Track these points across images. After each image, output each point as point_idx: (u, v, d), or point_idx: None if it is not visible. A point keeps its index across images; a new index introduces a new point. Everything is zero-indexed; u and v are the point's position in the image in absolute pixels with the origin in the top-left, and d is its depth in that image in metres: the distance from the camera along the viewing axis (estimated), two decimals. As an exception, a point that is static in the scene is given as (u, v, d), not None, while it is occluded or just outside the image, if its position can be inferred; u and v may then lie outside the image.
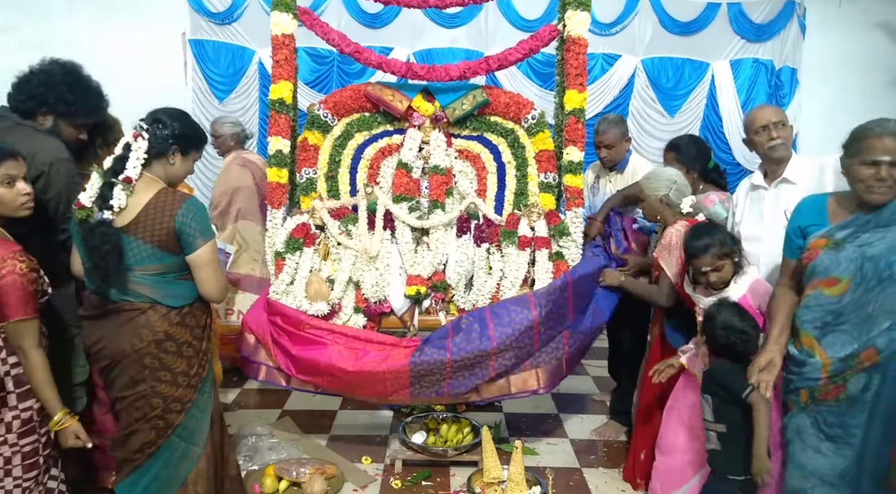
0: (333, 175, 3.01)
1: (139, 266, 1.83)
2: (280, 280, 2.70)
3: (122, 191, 1.78)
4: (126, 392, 1.89)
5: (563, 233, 2.81)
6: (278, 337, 2.59)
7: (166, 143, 1.89)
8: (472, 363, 2.50)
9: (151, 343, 1.86)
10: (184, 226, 1.82)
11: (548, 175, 2.97)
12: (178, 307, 1.90)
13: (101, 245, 1.74)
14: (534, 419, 3.47)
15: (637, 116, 5.38)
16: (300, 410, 3.53)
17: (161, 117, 1.91)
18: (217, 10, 5.10)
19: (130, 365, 1.86)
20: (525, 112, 2.99)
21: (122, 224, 1.80)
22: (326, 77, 5.17)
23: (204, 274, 1.89)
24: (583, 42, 2.79)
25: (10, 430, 1.88)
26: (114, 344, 1.85)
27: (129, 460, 1.94)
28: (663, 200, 2.51)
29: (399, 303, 2.73)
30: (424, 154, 3.00)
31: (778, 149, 2.39)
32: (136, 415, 1.90)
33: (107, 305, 1.85)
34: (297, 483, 2.64)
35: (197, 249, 1.86)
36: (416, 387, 2.52)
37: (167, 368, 1.90)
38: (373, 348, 2.55)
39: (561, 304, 2.61)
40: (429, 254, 2.81)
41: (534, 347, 2.57)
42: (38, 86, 2.15)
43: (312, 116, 2.97)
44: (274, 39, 2.81)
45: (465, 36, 5.28)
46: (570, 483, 2.80)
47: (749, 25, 5.35)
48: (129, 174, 1.80)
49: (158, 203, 1.83)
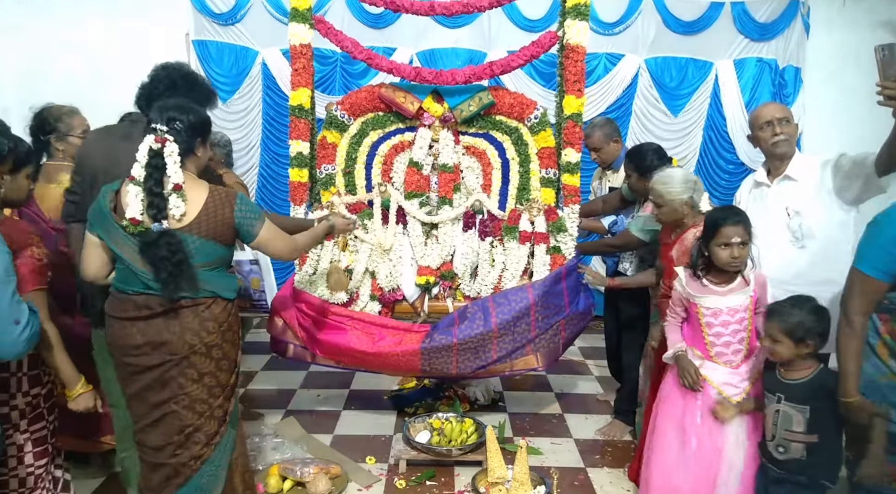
0: (350, 171, 3.39)
1: (198, 261, 1.92)
2: (304, 271, 3.12)
3: (178, 198, 1.86)
4: (190, 387, 1.95)
5: (561, 228, 3.16)
6: (303, 321, 2.98)
7: (191, 140, 1.96)
8: (476, 345, 2.88)
9: (218, 334, 1.97)
10: (241, 219, 1.97)
11: (549, 171, 3.31)
12: (232, 299, 2.04)
13: (171, 256, 1.82)
14: (538, 419, 3.52)
15: (640, 116, 5.48)
16: (304, 410, 3.59)
17: (173, 116, 1.93)
18: (220, 10, 5.23)
19: (198, 359, 1.95)
20: (528, 112, 3.33)
21: (181, 225, 1.89)
22: (330, 77, 5.31)
23: (273, 248, 2.08)
24: (581, 50, 3.09)
25: (24, 416, 1.97)
26: (180, 340, 1.92)
27: (197, 456, 1.99)
28: (688, 203, 2.48)
29: (411, 291, 3.15)
30: (434, 151, 3.36)
31: (781, 145, 2.43)
32: (201, 408, 1.97)
33: (163, 304, 1.91)
34: (302, 482, 2.68)
35: (258, 234, 2.02)
36: (426, 366, 2.91)
37: (227, 357, 2.03)
38: (388, 333, 2.95)
39: (556, 294, 2.98)
40: (437, 247, 3.23)
41: (531, 333, 2.93)
42: (164, 93, 2.28)
43: (330, 116, 3.35)
44: (292, 49, 3.15)
45: (468, 36, 5.40)
46: (574, 483, 2.83)
47: (753, 24, 5.43)
48: (176, 181, 1.86)
49: (216, 200, 1.95)
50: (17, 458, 1.97)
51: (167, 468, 1.99)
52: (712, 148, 5.63)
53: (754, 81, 5.56)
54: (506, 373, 3.07)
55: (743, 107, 5.56)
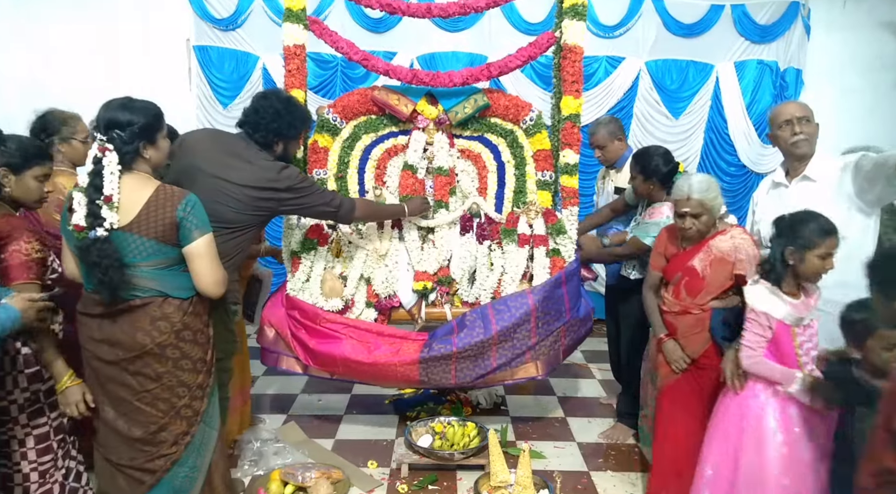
0: (343, 175, 3.28)
1: (144, 261, 1.91)
2: (296, 277, 2.98)
3: (110, 210, 1.85)
4: (150, 385, 1.96)
5: (560, 231, 3.06)
6: (296, 330, 2.87)
7: (133, 144, 1.91)
8: (475, 353, 2.79)
9: (171, 334, 1.95)
10: (184, 219, 1.92)
11: (545, 173, 3.22)
12: (187, 298, 1.99)
13: (100, 261, 1.83)
14: (540, 422, 3.49)
15: (641, 119, 5.44)
16: (306, 415, 3.57)
17: (115, 118, 1.90)
18: (221, 16, 5.21)
19: (153, 359, 1.94)
20: (524, 114, 3.23)
21: (123, 223, 1.89)
22: (330, 82, 5.28)
23: (198, 266, 1.96)
24: (578, 50, 3.01)
25: (23, 410, 2.02)
26: (132, 339, 1.92)
27: (164, 455, 1.99)
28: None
29: (407, 298, 3.04)
30: (428, 155, 3.25)
31: (801, 145, 2.40)
32: (164, 408, 1.98)
33: (115, 303, 1.91)
34: (303, 487, 2.66)
35: (193, 241, 1.94)
36: (425, 376, 2.81)
37: (187, 357, 2.00)
38: (384, 341, 2.84)
39: (557, 300, 2.89)
40: (434, 252, 3.12)
41: (531, 339, 2.83)
42: (270, 122, 2.49)
43: (322, 119, 3.23)
44: (286, 50, 3.05)
45: (468, 40, 5.37)
46: (578, 487, 2.81)
47: (753, 27, 5.40)
48: (108, 193, 1.85)
49: (159, 199, 1.92)
50: (19, 453, 2.02)
51: (134, 469, 1.98)
52: (713, 150, 5.58)
53: (755, 83, 5.52)
54: (506, 382, 2.95)
55: (744, 110, 5.53)
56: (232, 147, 2.49)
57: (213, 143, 2.49)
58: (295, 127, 2.58)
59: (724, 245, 2.32)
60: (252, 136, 2.53)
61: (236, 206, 2.36)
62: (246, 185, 2.40)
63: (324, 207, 2.64)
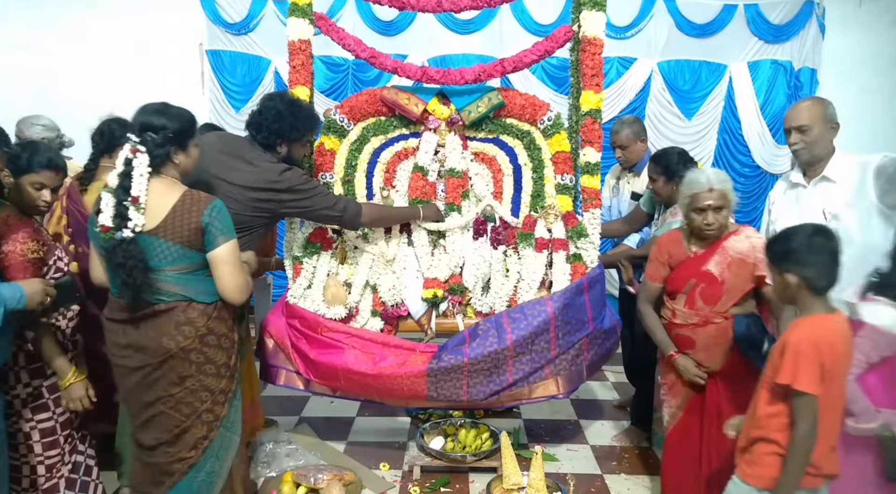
0: (350, 179, 3.04)
1: (170, 265, 1.89)
2: (298, 283, 2.73)
3: (136, 211, 1.84)
4: (173, 390, 1.94)
5: (581, 234, 2.80)
6: (296, 341, 2.62)
7: (164, 148, 1.91)
8: (489, 366, 2.50)
9: (195, 339, 1.93)
10: (209, 225, 1.89)
11: (564, 176, 2.97)
12: (211, 302, 1.96)
13: (125, 261, 1.81)
14: (553, 425, 3.44)
15: (654, 120, 5.35)
16: (318, 417, 3.54)
17: (149, 122, 1.90)
18: (234, 20, 5.18)
19: (178, 364, 1.92)
20: (541, 113, 3.01)
21: (149, 227, 1.86)
22: (341, 85, 5.22)
23: (221, 272, 1.94)
24: (598, 42, 2.79)
25: (25, 405, 2.04)
26: (157, 344, 1.90)
27: (183, 459, 1.98)
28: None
29: (416, 307, 2.76)
30: (440, 157, 3.02)
31: (800, 154, 2.33)
32: (186, 411, 1.96)
33: (140, 308, 1.89)
34: (315, 489, 2.63)
35: (217, 247, 1.91)
36: (434, 391, 2.53)
37: (211, 361, 1.97)
38: (390, 352, 2.57)
39: (578, 308, 2.60)
40: (445, 257, 2.84)
41: (551, 352, 2.55)
42: (272, 122, 2.47)
43: (329, 121, 3.01)
44: (290, 45, 2.84)
45: (479, 42, 5.30)
46: (591, 490, 2.76)
47: (767, 26, 5.31)
48: (135, 194, 1.84)
49: (185, 204, 1.89)
50: (25, 446, 2.05)
51: (155, 468, 1.99)
52: (727, 151, 5.44)
53: (769, 83, 5.37)
54: (522, 402, 2.65)
55: (758, 110, 5.39)
56: (236, 149, 2.47)
57: (218, 145, 2.46)
58: (297, 129, 2.52)
59: (740, 245, 2.16)
60: (256, 138, 2.50)
61: (235, 207, 2.25)
62: (245, 186, 2.37)
63: (327, 211, 2.53)
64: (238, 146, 2.50)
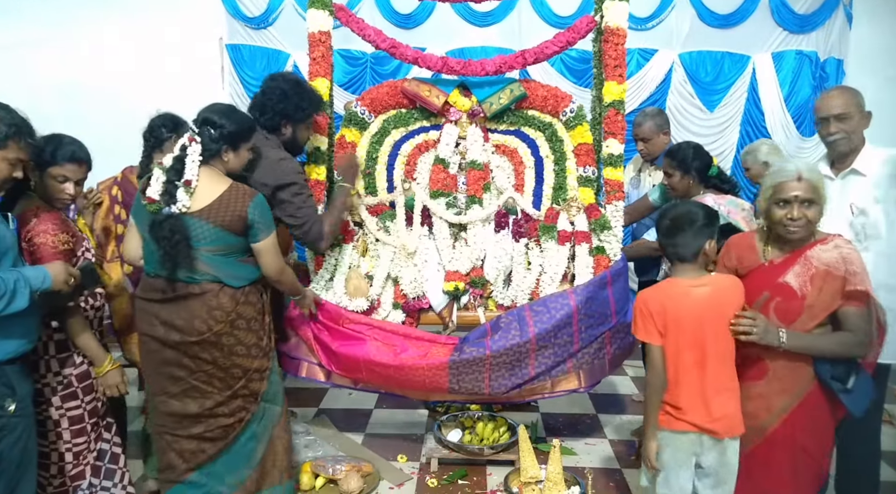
0: (371, 172, 3.05)
1: (206, 246, 2.02)
2: (319, 276, 2.76)
3: (185, 193, 1.98)
4: (205, 367, 2.06)
5: (604, 226, 2.78)
6: (318, 333, 2.64)
7: (217, 144, 2.07)
8: (511, 359, 2.50)
9: (226, 323, 2.05)
10: (254, 219, 2.05)
11: (587, 168, 2.95)
12: (239, 287, 2.09)
13: (171, 235, 1.94)
14: (571, 419, 3.43)
15: (675, 112, 5.27)
16: (336, 408, 3.56)
17: (210, 118, 2.07)
18: (253, 14, 5.20)
19: (209, 346, 2.04)
20: (563, 105, 2.98)
21: (195, 209, 2.00)
22: (360, 78, 5.22)
23: (264, 260, 2.13)
24: (621, 32, 2.76)
25: (55, 393, 2.08)
26: (190, 326, 2.02)
27: (224, 426, 2.12)
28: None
29: (437, 299, 2.75)
30: (461, 149, 3.01)
31: (839, 144, 2.24)
32: (219, 386, 2.09)
33: (175, 289, 2.02)
34: (334, 480, 2.66)
35: (261, 240, 2.09)
36: (455, 383, 2.53)
37: (241, 343, 2.10)
38: (411, 344, 2.58)
39: (601, 302, 2.58)
40: (467, 250, 2.83)
41: (574, 346, 2.54)
42: (277, 103, 2.46)
43: (349, 113, 3.02)
44: (310, 37, 2.85)
45: (497, 34, 5.26)
46: (610, 484, 2.75)
47: (791, 16, 5.20)
48: (188, 178, 1.99)
49: (232, 195, 2.05)
50: (55, 433, 2.09)
51: (197, 439, 2.11)
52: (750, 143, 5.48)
53: (794, 75, 5.25)
54: (545, 396, 2.65)
55: (782, 102, 5.28)
56: None
57: None
58: (302, 109, 2.51)
59: (827, 255, 1.85)
60: (259, 120, 2.44)
61: None
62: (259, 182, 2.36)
63: (291, 219, 2.47)
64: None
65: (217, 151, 2.07)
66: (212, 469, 2.13)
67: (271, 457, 2.23)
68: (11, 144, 1.77)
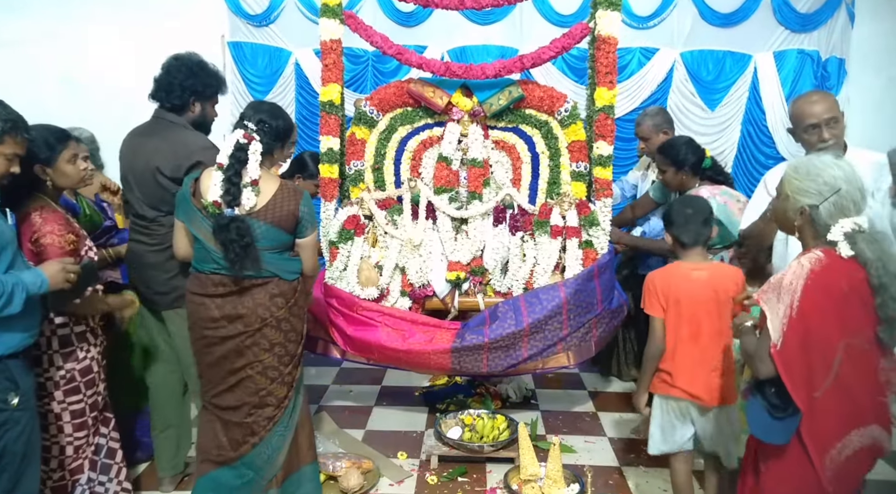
0: (379, 167, 3.37)
1: (263, 245, 2.15)
2: (334, 266, 3.10)
3: (252, 191, 2.10)
4: (263, 355, 2.20)
5: (593, 222, 3.08)
6: (335, 318, 2.99)
7: (274, 142, 2.23)
8: (507, 344, 2.84)
9: (286, 309, 2.22)
10: (303, 215, 2.22)
11: (579, 164, 3.24)
12: (293, 279, 2.27)
13: (240, 239, 2.04)
14: (571, 417, 3.48)
15: (676, 111, 5.38)
16: (337, 405, 3.62)
17: (263, 118, 2.20)
18: (255, 12, 5.31)
19: (270, 331, 2.19)
20: (558, 105, 3.26)
21: (253, 210, 2.13)
22: (362, 76, 5.34)
23: (306, 254, 2.31)
24: (612, 41, 3.02)
25: (58, 387, 2.18)
26: (254, 313, 2.17)
27: (269, 418, 2.24)
28: (805, 212, 1.69)
29: (441, 287, 3.09)
30: (463, 147, 3.32)
31: (833, 150, 2.23)
32: (272, 375, 2.23)
33: (238, 283, 2.16)
34: (334, 476, 2.71)
35: (306, 236, 2.27)
36: (457, 365, 2.88)
37: (294, 329, 2.28)
38: (418, 329, 2.92)
39: (589, 292, 2.92)
40: (468, 242, 3.17)
41: (563, 332, 2.88)
42: (184, 80, 2.50)
43: (359, 112, 3.33)
44: (322, 45, 3.13)
45: (499, 33, 5.38)
46: (609, 482, 2.80)
47: (793, 15, 5.29)
48: (254, 177, 2.11)
49: (285, 194, 2.19)
50: (56, 426, 2.18)
51: (244, 427, 2.23)
52: (751, 143, 5.47)
53: (795, 74, 5.39)
54: (536, 371, 3.02)
55: (783, 101, 5.39)
56: (143, 129, 2.56)
57: (130, 138, 2.57)
58: (210, 85, 2.58)
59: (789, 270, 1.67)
60: (164, 104, 2.52)
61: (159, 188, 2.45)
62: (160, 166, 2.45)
63: None
64: (149, 129, 2.56)
65: (271, 149, 2.21)
66: (250, 457, 2.24)
67: (296, 442, 2.36)
68: (8, 139, 1.83)
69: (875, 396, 1.64)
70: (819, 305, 1.59)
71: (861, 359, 1.62)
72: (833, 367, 1.59)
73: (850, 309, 1.60)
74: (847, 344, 1.60)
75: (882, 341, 1.63)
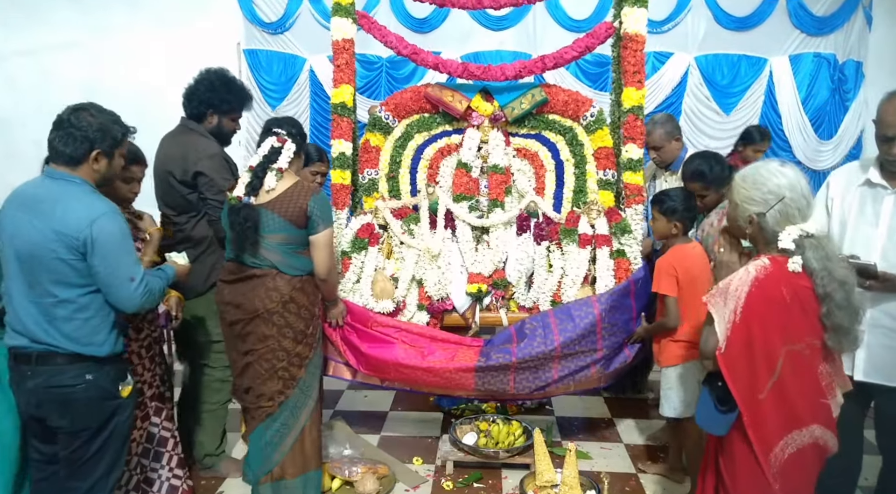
0: (394, 175, 3.15)
1: (271, 234, 2.23)
2: (347, 278, 2.84)
3: (274, 176, 2.23)
4: (257, 345, 2.27)
5: (625, 230, 2.84)
6: (347, 334, 2.71)
7: (301, 147, 2.37)
8: (536, 364, 2.59)
9: (279, 303, 2.25)
10: (313, 211, 2.25)
11: (606, 172, 3.02)
12: (296, 275, 2.29)
13: (244, 222, 2.16)
14: (586, 422, 3.42)
15: (691, 115, 5.28)
16: (352, 410, 3.59)
17: (288, 126, 2.35)
18: (270, 20, 5.28)
19: (261, 323, 2.25)
20: (584, 109, 3.05)
21: (266, 200, 2.23)
22: (376, 82, 5.28)
23: (317, 254, 2.31)
24: (640, 39, 2.83)
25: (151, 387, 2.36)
26: (250, 303, 2.24)
27: (262, 407, 2.31)
28: (754, 220, 1.72)
29: (461, 301, 2.83)
30: (483, 153, 3.09)
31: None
32: (266, 366, 2.28)
33: (242, 271, 2.26)
34: (350, 481, 2.68)
35: (318, 233, 2.28)
36: (481, 385, 2.63)
37: (290, 326, 2.28)
38: (438, 346, 2.66)
39: (625, 309, 2.65)
40: (489, 253, 2.90)
41: (598, 353, 2.62)
42: (204, 92, 2.61)
43: (374, 118, 3.11)
44: (334, 44, 2.95)
45: (512, 38, 5.31)
46: (626, 489, 2.74)
47: (810, 19, 5.19)
48: (281, 165, 2.25)
49: (297, 190, 2.27)
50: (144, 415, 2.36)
51: (247, 412, 2.36)
52: (767, 147, 5.44)
53: (811, 77, 5.26)
54: (567, 392, 2.77)
55: (799, 105, 5.28)
56: (170, 135, 2.64)
57: (161, 141, 2.65)
58: (228, 101, 2.63)
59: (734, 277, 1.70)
60: (187, 109, 2.63)
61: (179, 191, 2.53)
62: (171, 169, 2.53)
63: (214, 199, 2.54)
64: (176, 136, 2.64)
65: (298, 151, 2.34)
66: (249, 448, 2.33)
67: (300, 447, 2.35)
68: (126, 142, 1.99)
69: (816, 398, 1.68)
70: (761, 312, 1.61)
71: (802, 364, 1.65)
72: (776, 371, 1.63)
73: (791, 317, 1.62)
74: (788, 350, 1.63)
75: (828, 347, 1.66)
